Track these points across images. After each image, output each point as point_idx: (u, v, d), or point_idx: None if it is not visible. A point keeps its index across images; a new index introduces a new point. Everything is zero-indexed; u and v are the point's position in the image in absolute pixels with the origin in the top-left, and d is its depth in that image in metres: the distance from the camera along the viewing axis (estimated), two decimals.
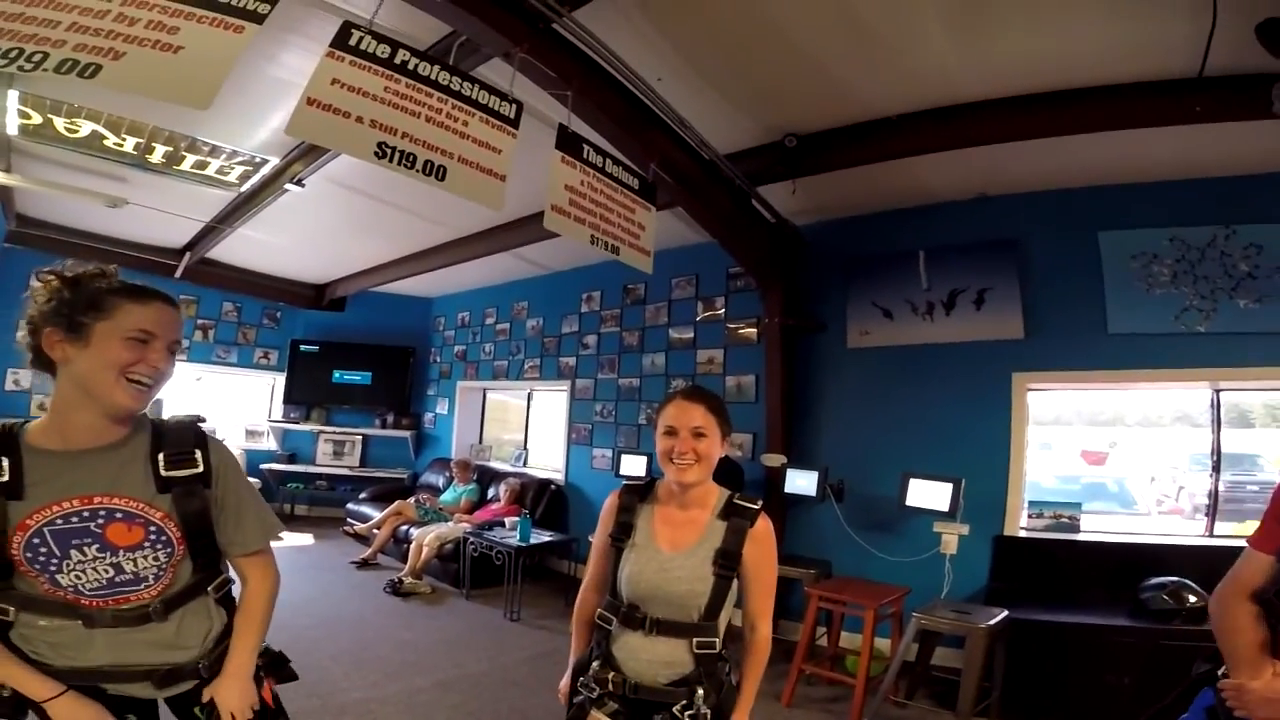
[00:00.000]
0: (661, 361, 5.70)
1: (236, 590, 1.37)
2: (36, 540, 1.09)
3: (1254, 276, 3.44)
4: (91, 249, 6.59)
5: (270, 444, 8.11)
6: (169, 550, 1.19)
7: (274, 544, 1.40)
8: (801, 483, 4.38)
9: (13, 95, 3.74)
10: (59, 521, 1.09)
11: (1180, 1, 2.35)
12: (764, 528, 1.54)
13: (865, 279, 4.53)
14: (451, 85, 2.40)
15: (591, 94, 2.89)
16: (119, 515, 1.13)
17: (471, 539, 5.18)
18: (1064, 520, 3.84)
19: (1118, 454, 8.20)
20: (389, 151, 2.17)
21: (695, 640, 1.48)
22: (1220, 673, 1.33)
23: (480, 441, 7.99)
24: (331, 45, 2.12)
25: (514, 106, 2.55)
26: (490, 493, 6.41)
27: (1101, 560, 3.59)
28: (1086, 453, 8.21)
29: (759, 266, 4.54)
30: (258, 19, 1.94)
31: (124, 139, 4.19)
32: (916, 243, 4.35)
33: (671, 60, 3.05)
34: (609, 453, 5.95)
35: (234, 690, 1.27)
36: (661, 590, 1.49)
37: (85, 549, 1.11)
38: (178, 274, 7.07)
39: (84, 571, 1.12)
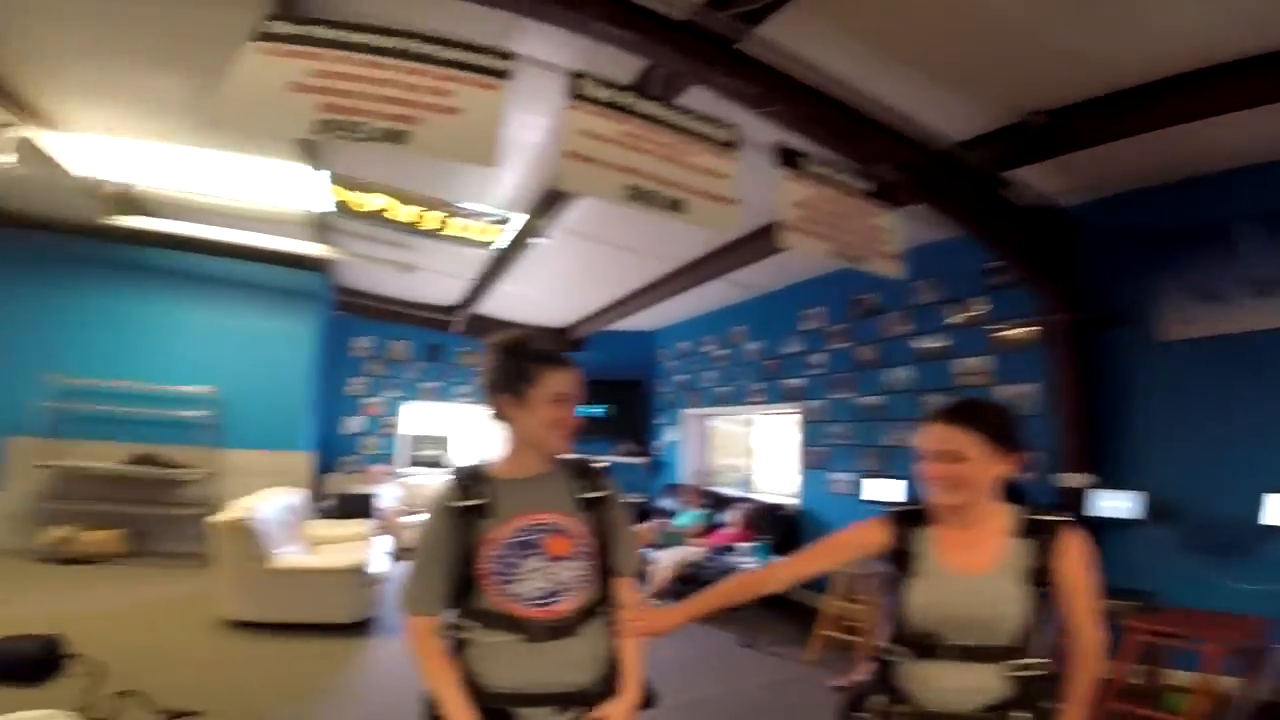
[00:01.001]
0: (909, 376, 5.17)
1: None
2: (501, 553, 1.35)
3: None
4: (391, 311, 8.17)
5: None
6: (588, 562, 1.41)
7: None
8: (1115, 504, 3.62)
9: (323, 175, 4.45)
10: (517, 534, 1.36)
11: None
12: (1073, 538, 1.43)
13: (1174, 259, 3.64)
14: (669, 119, 2.48)
15: (800, 107, 2.84)
16: (556, 529, 1.39)
17: (707, 563, 5.17)
18: None
19: None
20: (637, 193, 2.27)
21: (1008, 664, 1.39)
22: None
23: (706, 467, 8.05)
24: (570, 96, 2.29)
25: (729, 130, 2.59)
26: (721, 518, 6.39)
27: None
28: None
29: (1022, 258, 3.90)
30: (506, 75, 2.20)
31: (404, 209, 4.86)
32: (1239, 211, 3.39)
33: (873, 60, 2.88)
34: (851, 477, 5.55)
35: (625, 710, 1.41)
36: (964, 616, 1.41)
37: (532, 559, 1.36)
38: (456, 329, 8.32)
39: (529, 580, 1.35)
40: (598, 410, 8.55)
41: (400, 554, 6.77)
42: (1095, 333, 3.90)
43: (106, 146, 4.33)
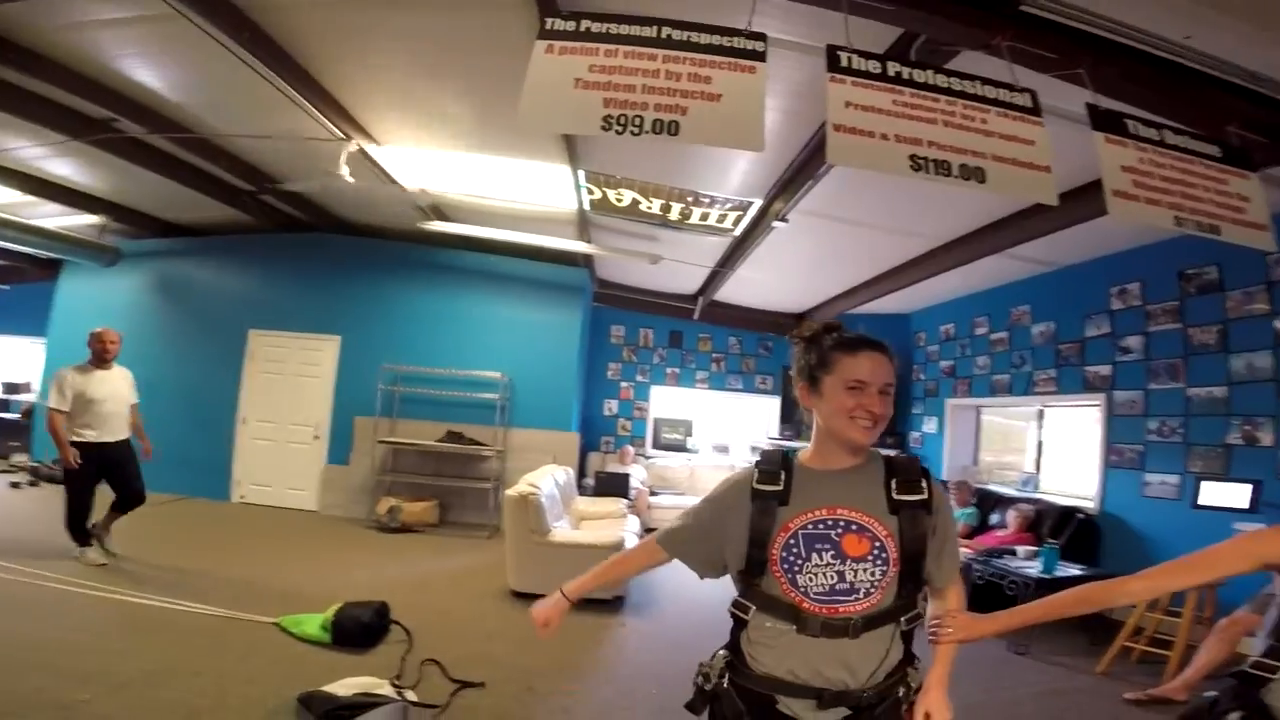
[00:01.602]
0: (1267, 364, 4.12)
1: None
2: (792, 541, 1.32)
3: None
4: (641, 301, 8.79)
5: None
6: (885, 568, 1.31)
7: None
8: None
9: (581, 174, 4.80)
10: (810, 526, 1.32)
11: None
12: None
13: None
14: (952, 86, 2.26)
15: (1109, 66, 2.48)
16: (854, 527, 1.31)
17: (977, 565, 4.67)
18: None
19: None
20: (922, 162, 2.12)
21: None
22: None
23: (975, 463, 7.25)
24: (829, 70, 2.19)
25: (1027, 95, 2.31)
26: (994, 518, 5.76)
27: None
28: None
29: None
30: (760, 57, 2.17)
31: (652, 202, 5.12)
32: None
33: (1197, 14, 2.41)
34: (1174, 479, 4.59)
35: (939, 699, 1.38)
36: None
37: (823, 554, 1.31)
38: (695, 316, 8.69)
39: (816, 574, 1.31)
40: None
41: (646, 533, 7.26)
42: None
43: (416, 157, 5.04)
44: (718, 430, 9.35)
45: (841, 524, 1.31)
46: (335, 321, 7.44)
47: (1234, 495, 4.20)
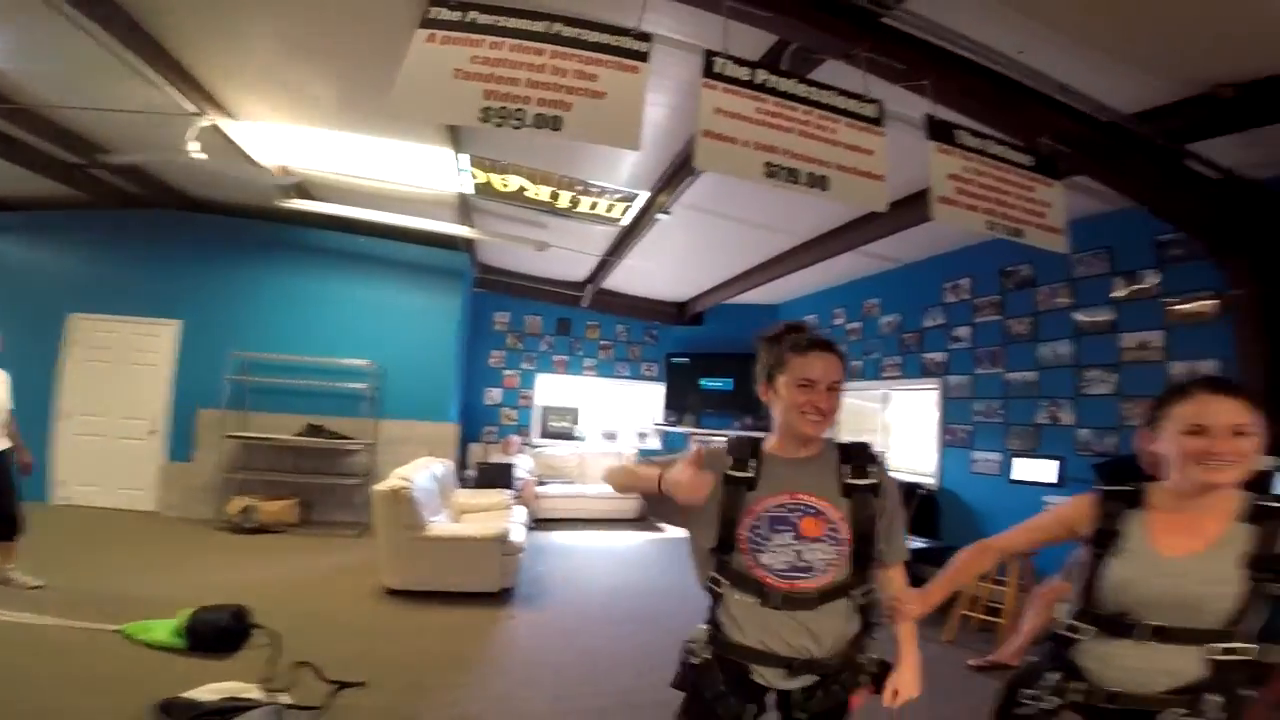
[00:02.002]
0: (1067, 351, 4.79)
1: None
2: (757, 523, 1.46)
3: None
4: (527, 288, 8.64)
5: (654, 444, 9.39)
6: (838, 547, 1.46)
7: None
8: None
9: (464, 158, 4.69)
10: (773, 509, 1.46)
11: None
12: None
13: None
14: (810, 96, 2.43)
15: (950, 80, 2.72)
16: (811, 510, 1.46)
17: None
18: None
19: None
20: (775, 170, 2.27)
21: (1212, 646, 1.37)
22: None
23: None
24: (705, 75, 2.30)
25: (874, 106, 2.51)
26: None
27: None
28: None
29: (1207, 231, 3.49)
30: (644, 58, 2.24)
31: (539, 189, 5.11)
32: None
33: (1032, 30, 2.70)
34: (996, 456, 5.24)
35: (907, 677, 1.52)
36: (1168, 596, 1.39)
37: (783, 534, 1.45)
38: (584, 304, 8.72)
39: (778, 553, 1.45)
40: (721, 383, 8.60)
41: (535, 524, 7.20)
42: None
43: (278, 134, 4.69)
44: (605, 418, 9.46)
45: (800, 508, 1.45)
46: (175, 305, 6.69)
47: (1043, 470, 4.74)
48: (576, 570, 5.73)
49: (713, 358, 8.76)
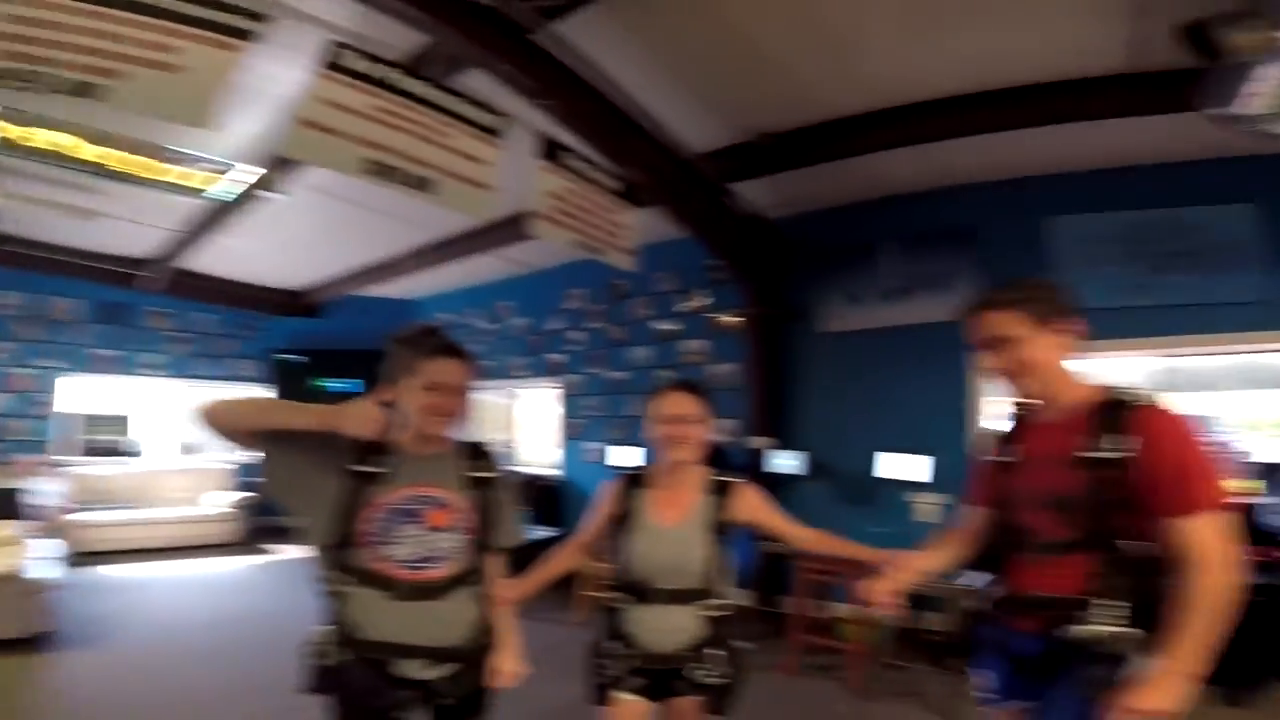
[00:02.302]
0: (648, 355, 5.85)
1: None
2: (381, 516, 1.44)
3: (1193, 254, 3.69)
4: (58, 262, 6.48)
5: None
6: (464, 536, 1.51)
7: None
8: (787, 463, 4.58)
9: None
10: (399, 503, 1.46)
11: (1115, 4, 2.55)
12: (748, 489, 1.79)
13: (835, 267, 4.74)
14: (436, 100, 2.46)
15: (574, 103, 2.98)
16: (439, 502, 1.49)
17: None
18: None
19: None
20: (375, 167, 2.25)
21: (701, 604, 1.67)
22: None
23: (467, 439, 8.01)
24: (323, 66, 2.19)
25: (498, 118, 2.62)
26: None
27: None
28: None
29: (736, 259, 4.71)
30: (251, 37, 2.04)
31: (94, 149, 4.15)
32: (882, 232, 4.57)
33: (648, 67, 3.15)
34: (600, 446, 6.09)
35: (508, 656, 1.60)
36: (665, 562, 1.68)
37: (409, 526, 1.45)
38: (150, 286, 6.97)
39: (403, 544, 1.44)
40: (349, 385, 7.69)
41: (76, 558, 5.67)
42: (780, 324, 4.90)
43: None
44: (182, 428, 7.75)
45: (428, 500, 1.48)
46: None
47: (631, 456, 5.44)
48: (155, 605, 4.83)
49: (339, 355, 7.79)
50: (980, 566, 1.60)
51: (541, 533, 5.29)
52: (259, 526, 7.25)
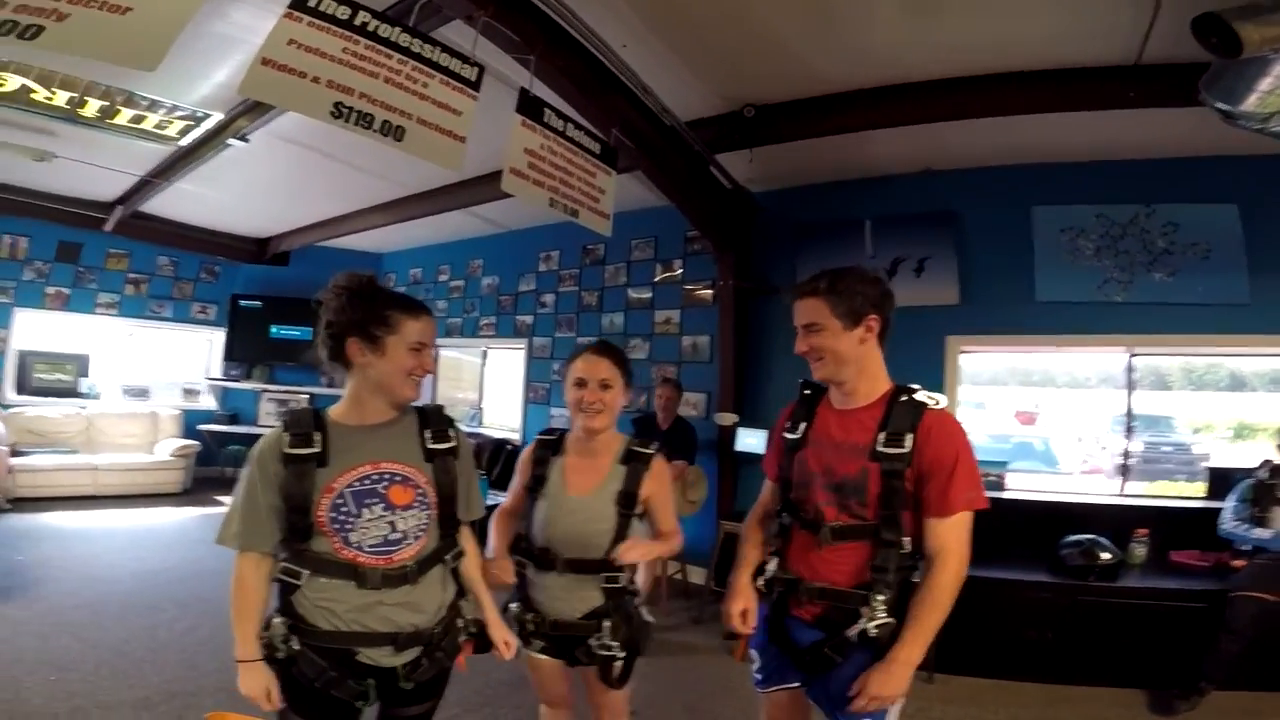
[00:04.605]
0: (620, 321, 5.78)
1: None
2: (340, 501, 1.33)
3: (1170, 252, 3.74)
4: (13, 203, 6.31)
5: (210, 403, 7.85)
6: (428, 512, 1.43)
7: None
8: (752, 441, 4.55)
9: None
10: (356, 483, 1.35)
11: None
12: (659, 466, 1.73)
13: (814, 245, 4.67)
14: (412, 48, 2.35)
15: (555, 59, 2.86)
16: (399, 478, 1.39)
17: None
18: (990, 479, 4.14)
19: (1046, 415, 8.70)
20: (345, 111, 2.13)
21: (603, 575, 1.64)
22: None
23: (432, 399, 7.91)
24: (290, 6, 2.05)
25: (476, 70, 2.52)
26: None
27: (1024, 518, 3.79)
28: (1020, 413, 8.70)
29: (714, 231, 4.62)
30: None
31: (55, 93, 3.98)
32: (864, 212, 4.52)
33: (637, 26, 3.02)
34: (567, 412, 6.01)
35: (501, 629, 1.56)
36: (569, 532, 1.65)
37: (373, 507, 1.35)
38: (108, 227, 6.72)
39: (369, 528, 1.35)
40: (298, 332, 7.54)
41: (11, 503, 5.54)
42: (755, 299, 4.85)
43: None
44: (132, 369, 7.52)
45: (387, 476, 1.38)
46: None
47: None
48: (91, 556, 4.66)
49: (295, 303, 7.46)
50: (768, 542, 1.66)
51: (502, 498, 5.23)
52: (209, 477, 7.18)
